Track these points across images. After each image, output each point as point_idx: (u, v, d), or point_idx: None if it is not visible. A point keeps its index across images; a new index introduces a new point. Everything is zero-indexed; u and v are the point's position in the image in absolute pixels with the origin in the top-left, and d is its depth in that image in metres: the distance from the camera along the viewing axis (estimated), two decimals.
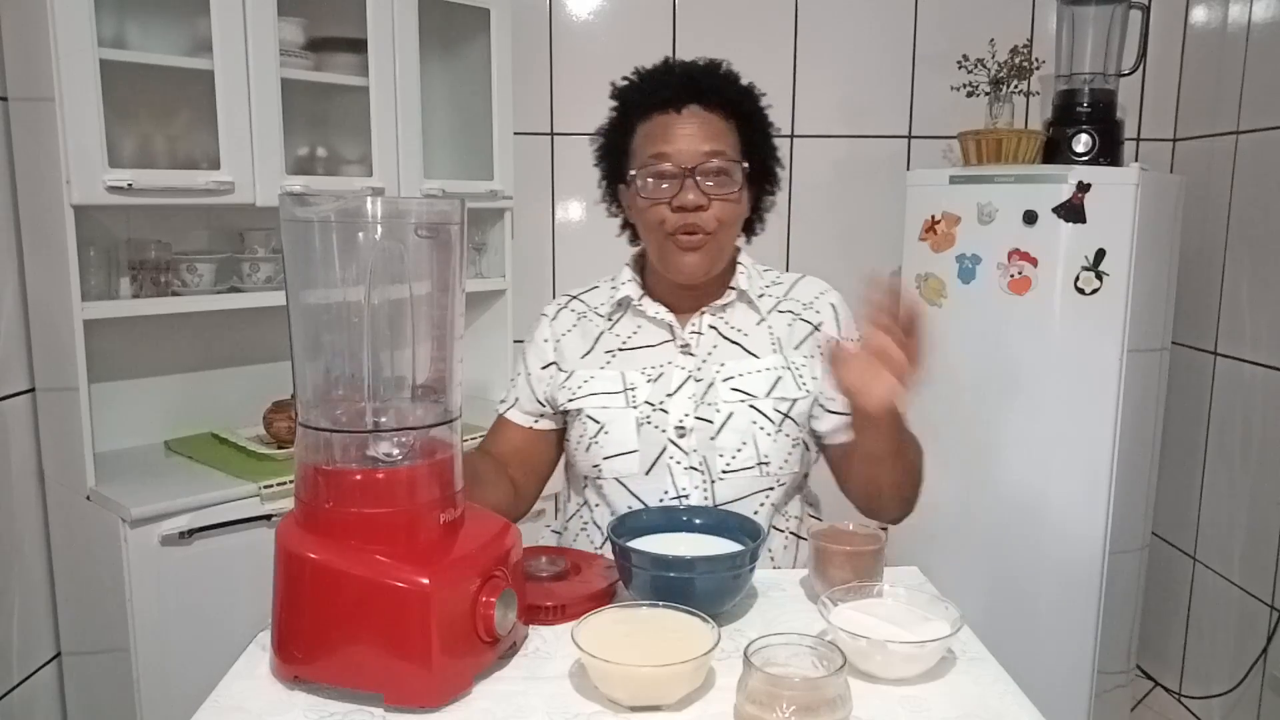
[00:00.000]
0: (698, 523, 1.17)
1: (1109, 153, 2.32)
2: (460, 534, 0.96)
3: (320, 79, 2.11)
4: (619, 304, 1.39)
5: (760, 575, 1.16)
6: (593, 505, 1.37)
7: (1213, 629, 2.45)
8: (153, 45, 1.95)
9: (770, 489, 1.32)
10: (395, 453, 0.94)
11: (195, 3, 1.86)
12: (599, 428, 1.32)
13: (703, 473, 1.30)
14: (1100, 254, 2.12)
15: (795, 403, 1.32)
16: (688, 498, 1.30)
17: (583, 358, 1.37)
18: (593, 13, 2.59)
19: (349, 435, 0.95)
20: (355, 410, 0.95)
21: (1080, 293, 2.14)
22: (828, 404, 1.34)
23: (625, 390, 1.33)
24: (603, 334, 1.38)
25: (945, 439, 2.33)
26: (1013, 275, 2.20)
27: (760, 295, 1.38)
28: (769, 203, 1.42)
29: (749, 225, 1.41)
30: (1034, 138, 2.33)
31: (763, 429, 1.30)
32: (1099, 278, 2.13)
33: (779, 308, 1.38)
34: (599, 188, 1.42)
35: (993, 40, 2.39)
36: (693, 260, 1.30)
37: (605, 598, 1.09)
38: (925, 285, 2.34)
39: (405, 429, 0.96)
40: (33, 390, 1.93)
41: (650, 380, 1.33)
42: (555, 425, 1.40)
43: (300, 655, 0.92)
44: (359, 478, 0.93)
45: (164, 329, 2.08)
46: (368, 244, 0.93)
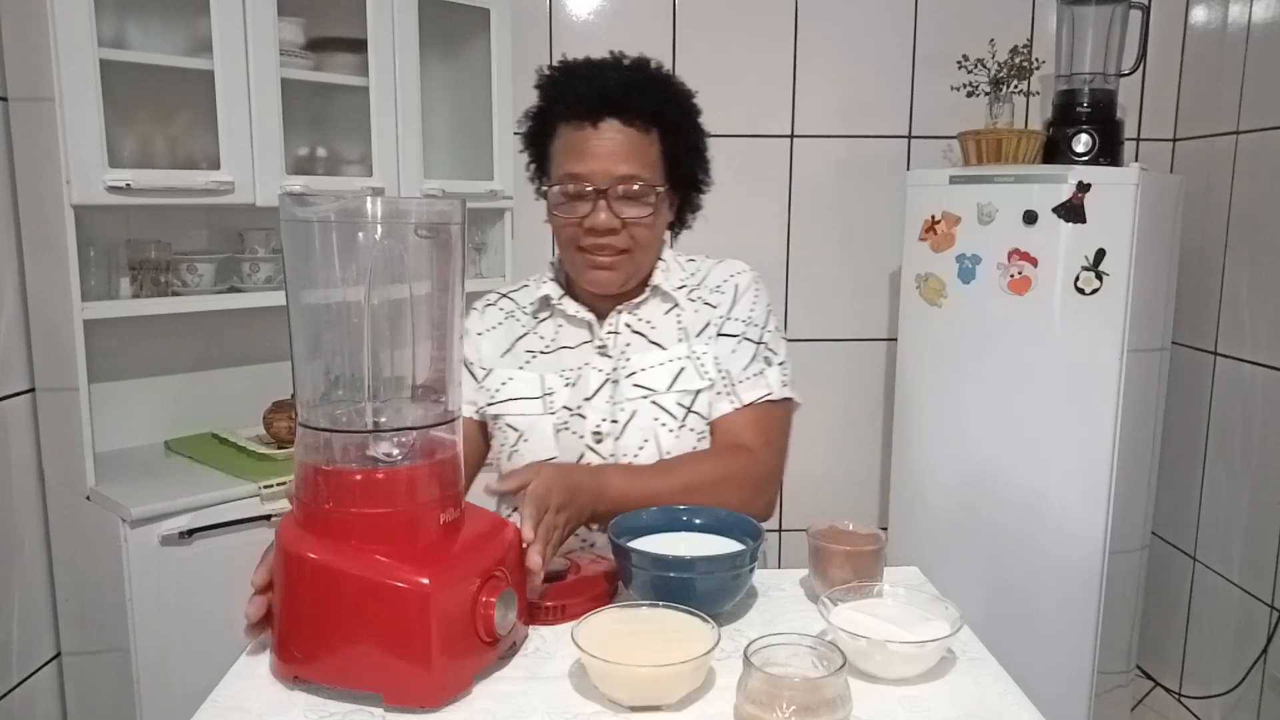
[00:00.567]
0: (698, 522, 1.17)
1: (1109, 153, 2.32)
2: (460, 534, 0.96)
3: (320, 79, 2.11)
4: (540, 302, 1.37)
5: (760, 575, 1.16)
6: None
7: (1213, 629, 2.45)
8: (153, 45, 1.95)
9: None
10: (395, 453, 0.94)
11: (195, 3, 1.86)
12: (518, 435, 1.31)
13: None
14: (1100, 254, 2.12)
15: (698, 394, 1.30)
16: None
17: (501, 356, 1.36)
18: (593, 13, 2.59)
19: (349, 435, 0.95)
20: (355, 410, 0.95)
21: (1080, 293, 2.14)
22: (729, 398, 1.30)
23: (544, 395, 1.32)
24: (526, 334, 1.37)
25: (945, 439, 2.34)
26: (1013, 275, 2.20)
27: (679, 287, 1.36)
28: (697, 203, 1.40)
29: (674, 224, 1.39)
30: (1034, 138, 2.33)
31: (664, 425, 1.28)
32: (1099, 278, 2.13)
33: (690, 295, 1.36)
34: (526, 171, 1.39)
35: (993, 40, 2.39)
36: (605, 277, 1.29)
37: (605, 598, 1.10)
38: (925, 285, 2.34)
39: (405, 429, 0.96)
40: (33, 390, 1.94)
41: (569, 384, 1.32)
42: (479, 418, 1.38)
43: (300, 655, 0.92)
44: (359, 478, 0.92)
45: (164, 329, 2.08)
46: (368, 244, 0.93)
